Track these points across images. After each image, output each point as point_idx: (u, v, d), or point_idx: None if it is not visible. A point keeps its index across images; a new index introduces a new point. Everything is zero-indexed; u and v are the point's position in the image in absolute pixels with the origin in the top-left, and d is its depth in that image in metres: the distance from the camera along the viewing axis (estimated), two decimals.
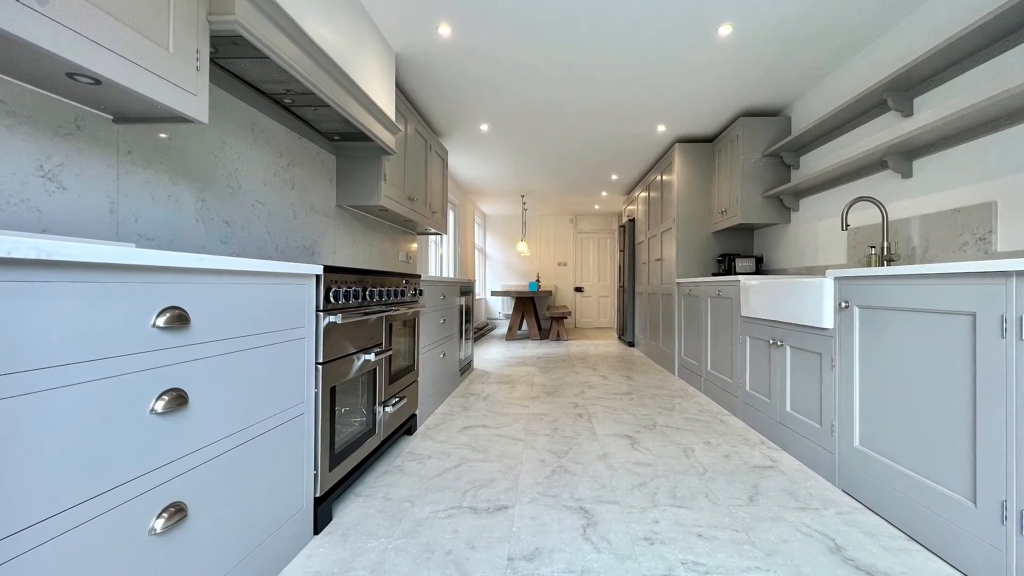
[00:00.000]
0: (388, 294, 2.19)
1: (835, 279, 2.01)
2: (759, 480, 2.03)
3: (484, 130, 4.54)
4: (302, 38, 1.79)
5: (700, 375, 3.72)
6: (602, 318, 9.52)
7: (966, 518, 1.39)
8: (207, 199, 1.86)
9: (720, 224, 4.30)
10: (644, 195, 6.04)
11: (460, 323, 4.03)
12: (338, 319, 1.64)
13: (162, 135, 1.65)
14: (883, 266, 1.98)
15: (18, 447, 0.72)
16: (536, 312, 7.56)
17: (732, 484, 1.99)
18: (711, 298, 3.51)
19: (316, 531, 1.59)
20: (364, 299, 1.92)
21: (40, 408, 0.75)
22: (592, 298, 9.56)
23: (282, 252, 2.37)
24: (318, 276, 1.59)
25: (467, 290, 4.35)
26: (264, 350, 1.31)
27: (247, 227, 2.10)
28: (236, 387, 1.20)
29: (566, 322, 9.49)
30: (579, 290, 9.56)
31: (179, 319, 1.00)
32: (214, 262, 1.08)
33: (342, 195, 2.95)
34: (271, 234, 2.28)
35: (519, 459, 2.27)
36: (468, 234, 7.63)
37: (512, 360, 5.31)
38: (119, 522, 0.88)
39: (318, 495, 1.60)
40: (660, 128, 4.45)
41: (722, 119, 4.19)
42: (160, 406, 0.96)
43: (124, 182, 1.50)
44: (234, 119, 2.02)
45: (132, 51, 1.16)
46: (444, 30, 2.75)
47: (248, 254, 2.10)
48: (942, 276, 1.48)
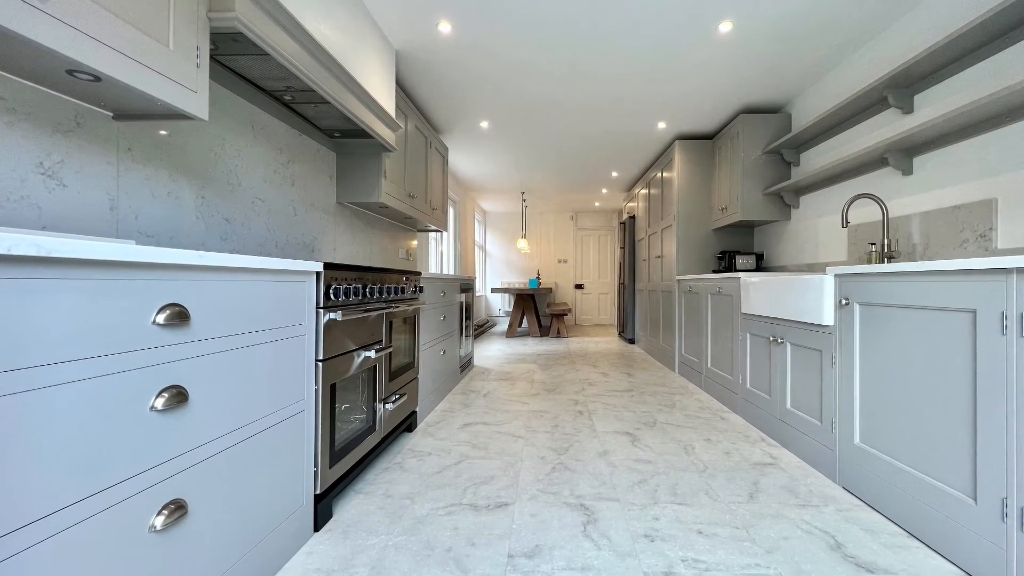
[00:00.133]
0: (388, 291, 2.19)
1: (835, 276, 2.01)
2: (759, 477, 2.04)
3: (484, 127, 4.53)
4: (302, 35, 1.79)
5: (700, 372, 3.73)
6: (602, 315, 9.52)
7: (966, 515, 1.39)
8: (207, 196, 1.86)
9: (720, 221, 4.30)
10: (644, 192, 6.03)
11: (460, 320, 4.03)
12: (338, 316, 1.64)
13: (162, 132, 1.65)
14: (883, 263, 1.97)
15: (19, 444, 0.72)
16: (536, 309, 7.56)
17: (732, 481, 1.99)
18: (711, 295, 3.51)
19: (316, 528, 1.59)
20: (364, 296, 1.92)
21: (40, 405, 0.75)
22: (592, 295, 9.55)
23: (282, 249, 2.37)
24: (318, 273, 1.59)
25: (467, 287, 4.35)
26: (264, 347, 1.31)
27: (247, 224, 2.10)
28: (236, 384, 1.20)
29: (566, 319, 9.49)
30: (579, 287, 9.56)
31: (179, 316, 1.00)
32: (214, 259, 1.08)
33: (342, 192, 2.95)
34: (271, 231, 2.28)
35: (519, 456, 2.27)
36: (468, 231, 7.62)
37: (512, 357, 5.31)
38: (119, 519, 0.88)
39: (318, 492, 1.60)
40: (661, 125, 4.45)
41: (722, 116, 4.19)
42: (160, 403, 0.96)
43: (124, 179, 1.50)
44: (234, 116, 2.02)
45: (132, 48, 1.16)
46: (444, 27, 2.74)
47: (248, 251, 2.10)
48: (942, 273, 1.47)
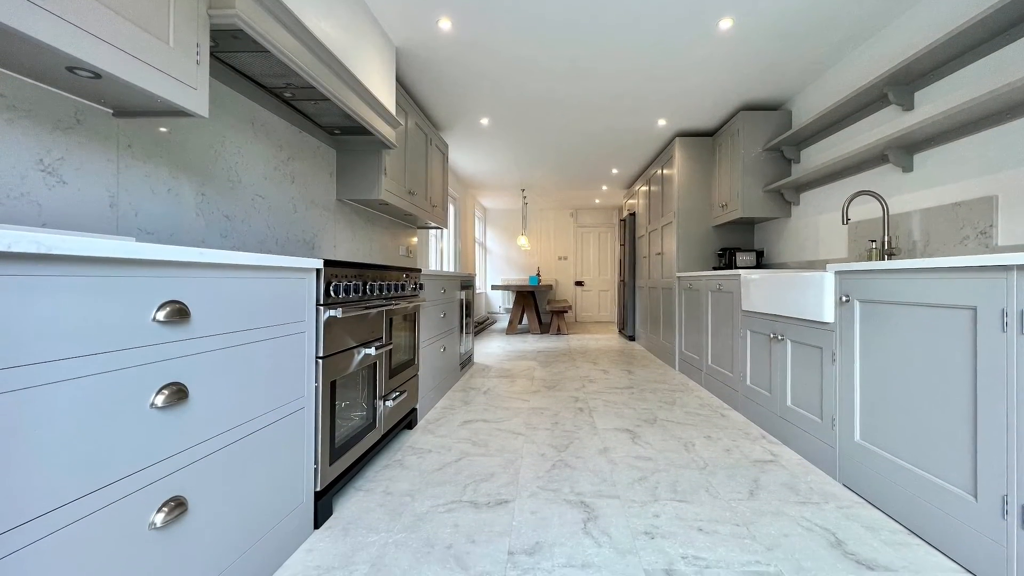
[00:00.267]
0: (388, 288, 2.19)
1: (836, 273, 2.01)
2: (760, 474, 2.04)
3: (484, 124, 4.52)
4: (303, 32, 1.78)
5: (701, 369, 3.73)
6: (603, 312, 9.52)
7: (967, 512, 1.40)
8: (207, 193, 1.86)
9: (721, 218, 4.29)
10: (645, 189, 6.03)
11: (460, 317, 4.03)
12: (338, 313, 1.64)
13: (162, 129, 1.65)
14: (884, 260, 1.97)
15: (19, 441, 0.72)
16: (536, 306, 7.56)
17: (733, 478, 1.99)
18: (712, 292, 3.51)
19: (316, 525, 1.59)
20: (364, 293, 1.92)
21: (41, 402, 0.75)
22: (592, 292, 9.56)
23: (282, 246, 2.37)
24: (318, 270, 1.59)
25: (467, 284, 4.35)
26: (264, 344, 1.31)
27: (247, 221, 2.10)
28: (236, 381, 1.20)
29: (566, 316, 9.49)
30: (579, 284, 9.56)
31: (179, 313, 1.00)
32: (214, 256, 1.08)
33: (342, 189, 2.95)
34: (271, 228, 2.28)
35: (520, 453, 2.27)
36: (468, 228, 7.61)
37: (512, 354, 5.31)
38: (119, 516, 0.88)
39: (318, 489, 1.60)
40: (661, 122, 4.44)
41: (723, 113, 4.18)
42: (160, 400, 0.96)
43: (124, 176, 1.50)
44: (234, 113, 2.01)
45: (132, 45, 1.16)
46: (444, 24, 2.73)
47: (248, 248, 2.09)
48: (943, 270, 1.47)
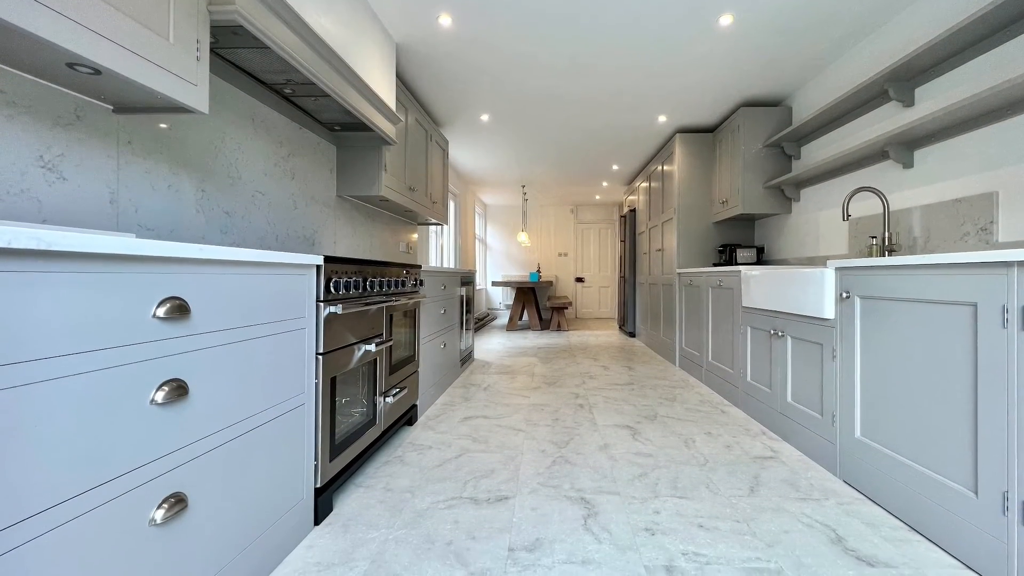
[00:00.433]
0: (388, 284, 2.19)
1: (836, 269, 2.01)
2: (760, 471, 2.04)
3: (485, 120, 4.51)
4: (303, 28, 1.78)
5: (701, 365, 3.73)
6: (603, 308, 9.53)
7: (967, 509, 1.40)
8: (207, 189, 1.86)
9: (721, 214, 4.29)
10: (645, 185, 6.02)
11: (461, 313, 4.03)
12: (338, 309, 1.64)
13: (162, 125, 1.64)
14: (884, 256, 1.97)
15: (19, 438, 0.72)
16: (537, 302, 7.56)
17: (733, 475, 2.00)
18: (712, 288, 3.51)
19: (317, 522, 1.60)
20: (364, 289, 1.92)
21: (40, 399, 0.75)
22: (593, 288, 9.56)
23: (282, 242, 2.37)
24: (318, 266, 1.59)
25: (468, 280, 4.35)
26: (264, 340, 1.31)
27: (247, 217, 2.09)
28: (236, 377, 1.20)
29: (567, 312, 9.50)
30: (580, 280, 9.56)
31: (179, 309, 0.99)
32: (214, 252, 1.07)
33: (342, 185, 2.94)
34: (271, 224, 2.27)
35: (520, 450, 2.28)
36: (469, 224, 7.61)
37: (513, 350, 5.31)
38: (119, 512, 0.88)
39: (318, 486, 1.60)
40: (661, 118, 4.43)
41: (723, 109, 4.16)
42: (160, 396, 0.96)
43: (124, 172, 1.50)
44: (234, 109, 2.01)
45: (132, 41, 1.15)
46: (445, 20, 2.72)
47: (248, 244, 2.09)
48: (943, 266, 1.47)
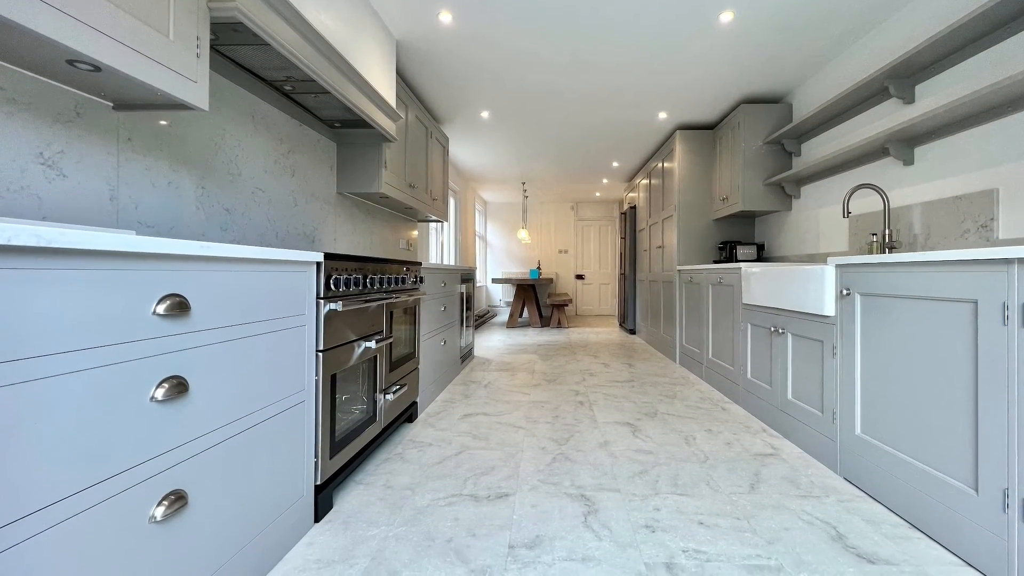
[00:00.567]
0: (389, 281, 2.19)
1: (836, 266, 2.01)
2: (760, 468, 2.04)
3: (485, 117, 4.50)
4: (303, 25, 1.77)
5: (701, 363, 3.73)
6: (603, 305, 9.53)
7: (968, 506, 1.40)
8: (207, 186, 1.85)
9: (721, 211, 4.28)
10: (645, 182, 6.01)
11: (461, 310, 4.03)
12: (339, 307, 1.64)
13: (162, 122, 1.64)
14: (884, 253, 1.96)
15: (18, 435, 0.72)
16: (537, 299, 7.56)
17: (733, 472, 2.00)
18: (712, 285, 3.51)
19: (317, 519, 1.60)
20: (365, 286, 1.92)
21: (40, 396, 0.75)
22: (593, 285, 9.56)
23: (282, 239, 2.36)
24: (319, 263, 1.59)
25: (468, 277, 4.35)
26: (264, 337, 1.31)
27: (247, 214, 2.09)
28: (236, 375, 1.20)
29: (567, 309, 9.50)
30: (580, 277, 9.56)
31: (179, 306, 0.99)
32: (214, 249, 1.07)
33: (342, 182, 2.94)
34: (271, 221, 2.27)
35: (520, 447, 2.28)
36: (469, 221, 7.60)
37: (513, 348, 5.32)
38: (119, 510, 0.89)
39: (318, 483, 1.61)
40: (661, 115, 4.42)
41: (723, 106, 4.16)
42: (160, 394, 0.96)
43: (124, 169, 1.49)
44: (234, 106, 2.00)
45: (132, 38, 1.15)
46: (445, 16, 2.71)
47: (248, 241, 2.09)
48: (944, 263, 1.47)
